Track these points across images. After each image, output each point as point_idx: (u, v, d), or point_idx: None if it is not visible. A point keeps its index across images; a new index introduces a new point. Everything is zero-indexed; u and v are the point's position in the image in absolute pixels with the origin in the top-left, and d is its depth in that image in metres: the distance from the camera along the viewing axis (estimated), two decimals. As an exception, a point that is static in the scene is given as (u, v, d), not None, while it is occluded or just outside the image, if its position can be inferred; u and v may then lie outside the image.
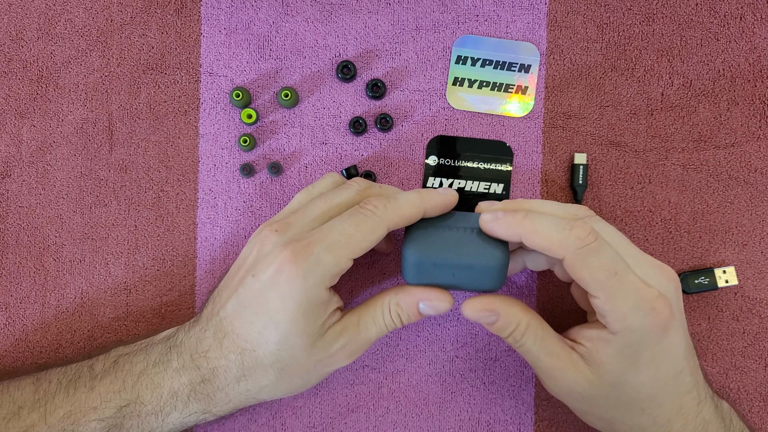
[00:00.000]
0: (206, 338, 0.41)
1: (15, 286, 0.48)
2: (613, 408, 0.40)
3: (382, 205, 0.40)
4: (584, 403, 0.41)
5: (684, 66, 0.49)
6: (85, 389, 0.42)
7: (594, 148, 0.49)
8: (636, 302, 0.37)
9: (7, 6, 0.48)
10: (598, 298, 0.38)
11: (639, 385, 0.39)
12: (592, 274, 0.38)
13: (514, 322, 0.40)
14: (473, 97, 0.48)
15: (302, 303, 0.39)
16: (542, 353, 0.40)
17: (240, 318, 0.40)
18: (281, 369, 0.40)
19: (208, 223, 0.48)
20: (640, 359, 0.38)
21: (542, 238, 0.38)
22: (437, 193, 0.42)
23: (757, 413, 0.48)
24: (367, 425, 0.48)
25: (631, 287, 0.38)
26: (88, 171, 0.48)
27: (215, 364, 0.41)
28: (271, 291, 0.39)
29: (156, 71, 0.48)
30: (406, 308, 0.41)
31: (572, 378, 0.40)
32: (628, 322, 0.37)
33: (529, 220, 0.39)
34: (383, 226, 0.40)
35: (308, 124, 0.48)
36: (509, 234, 0.39)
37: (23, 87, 0.48)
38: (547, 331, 0.41)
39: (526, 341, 0.40)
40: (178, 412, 0.41)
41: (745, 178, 0.49)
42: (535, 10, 0.49)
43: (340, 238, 0.39)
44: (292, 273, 0.39)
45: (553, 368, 0.40)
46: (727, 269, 0.48)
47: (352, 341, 0.41)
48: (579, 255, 0.38)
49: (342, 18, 0.49)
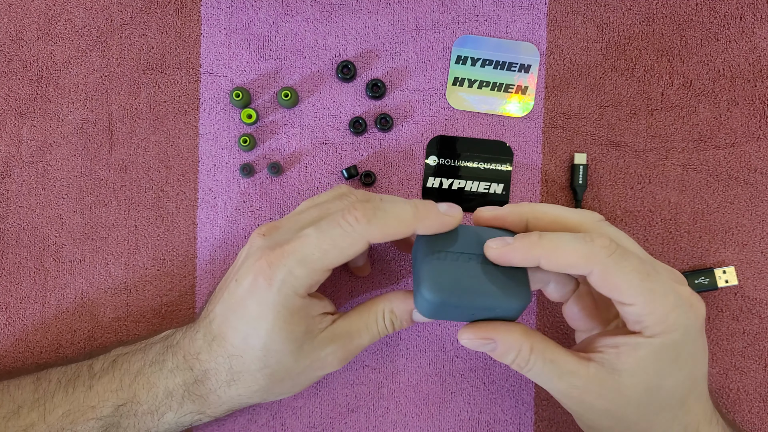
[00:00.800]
0: (197, 340, 0.41)
1: (15, 286, 0.48)
2: (643, 418, 0.37)
3: (366, 219, 0.37)
4: (607, 417, 0.38)
5: (684, 66, 0.49)
6: (84, 388, 0.42)
7: (594, 148, 0.49)
8: (675, 301, 0.36)
9: (7, 6, 0.48)
10: (634, 305, 0.35)
11: (674, 387, 0.37)
12: (627, 280, 0.35)
13: (516, 348, 0.37)
14: (473, 97, 0.48)
15: (279, 311, 0.38)
16: (555, 375, 0.37)
17: (226, 322, 0.40)
18: (269, 374, 0.40)
19: (208, 223, 0.48)
20: (679, 358, 0.36)
21: (566, 255, 0.36)
22: (436, 212, 0.38)
23: (756, 413, 0.48)
24: (367, 425, 0.48)
25: (667, 287, 0.36)
26: (88, 171, 0.48)
27: (206, 366, 0.41)
28: (250, 298, 0.39)
29: (156, 71, 0.48)
30: (399, 315, 0.41)
31: (595, 392, 0.37)
32: (670, 322, 0.35)
33: (547, 240, 0.36)
34: (362, 242, 0.37)
35: (308, 124, 0.48)
36: (527, 260, 0.36)
37: (23, 87, 0.48)
38: (555, 351, 0.37)
39: (533, 367, 0.37)
40: (173, 412, 0.41)
41: (745, 178, 0.49)
42: (535, 10, 0.49)
43: (314, 252, 0.37)
44: (266, 284, 0.38)
45: (570, 388, 0.37)
46: (727, 269, 0.48)
47: (344, 347, 0.41)
48: (610, 263, 0.35)
49: (342, 18, 0.49)
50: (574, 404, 0.38)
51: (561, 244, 0.36)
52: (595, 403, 0.37)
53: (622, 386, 0.36)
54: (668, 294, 0.36)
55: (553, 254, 0.36)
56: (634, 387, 0.36)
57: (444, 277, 0.37)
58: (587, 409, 0.38)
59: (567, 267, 0.36)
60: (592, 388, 0.37)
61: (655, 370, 0.36)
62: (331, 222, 0.38)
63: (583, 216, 0.39)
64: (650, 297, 0.35)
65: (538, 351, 0.37)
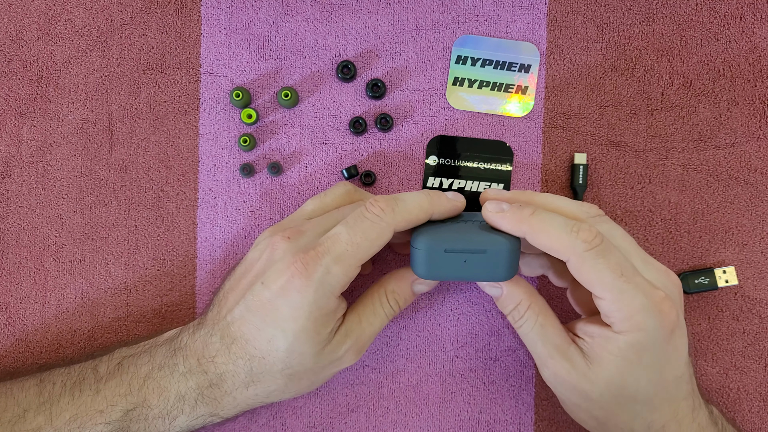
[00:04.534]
0: (213, 343, 0.41)
1: (15, 286, 0.48)
2: (606, 407, 0.40)
3: (390, 209, 0.40)
4: (575, 395, 0.40)
5: (684, 66, 0.49)
6: (91, 392, 0.42)
7: (594, 148, 0.49)
8: (643, 303, 0.37)
9: (7, 6, 0.48)
10: (604, 299, 0.38)
11: (637, 388, 0.39)
12: (599, 276, 0.37)
13: (516, 300, 0.41)
14: (473, 97, 0.48)
15: (312, 313, 0.39)
16: (539, 339, 0.40)
17: (248, 324, 0.40)
18: (290, 375, 0.40)
19: (208, 223, 0.48)
20: (642, 361, 0.38)
21: (548, 238, 0.38)
22: (446, 198, 0.41)
23: (757, 413, 0.48)
24: (367, 425, 0.48)
25: (638, 288, 0.37)
26: (88, 171, 0.48)
27: (223, 369, 0.41)
28: (281, 300, 0.39)
29: (156, 71, 0.48)
30: (401, 292, 0.43)
31: (567, 369, 0.39)
32: (635, 323, 0.37)
33: (537, 218, 0.38)
34: (389, 231, 0.40)
35: (308, 124, 0.48)
36: (514, 229, 0.39)
37: (23, 87, 0.48)
38: (548, 318, 0.41)
39: (524, 323, 0.41)
40: (185, 415, 0.41)
41: (745, 178, 0.49)
42: (535, 10, 0.49)
43: (347, 248, 0.39)
44: (303, 284, 0.38)
45: (548, 357, 0.40)
46: (727, 269, 0.48)
47: (358, 341, 0.42)
48: (586, 257, 0.37)
49: (342, 18, 0.49)
50: (551, 375, 0.41)
51: (547, 227, 0.38)
52: (567, 379, 0.40)
53: (590, 372, 0.39)
54: (637, 296, 0.37)
55: (537, 234, 0.38)
56: (599, 376, 0.39)
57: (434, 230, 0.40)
58: (560, 383, 0.40)
59: (548, 249, 0.38)
60: (565, 365, 0.40)
61: (618, 367, 0.38)
62: (357, 217, 0.40)
63: (581, 209, 0.40)
64: (619, 296, 0.37)
65: (534, 311, 0.41)
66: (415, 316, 0.48)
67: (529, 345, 0.41)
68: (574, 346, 0.40)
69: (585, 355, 0.39)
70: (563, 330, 0.41)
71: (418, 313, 0.48)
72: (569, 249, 0.37)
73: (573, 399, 0.41)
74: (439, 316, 0.48)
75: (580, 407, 0.41)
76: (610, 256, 0.37)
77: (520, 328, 0.41)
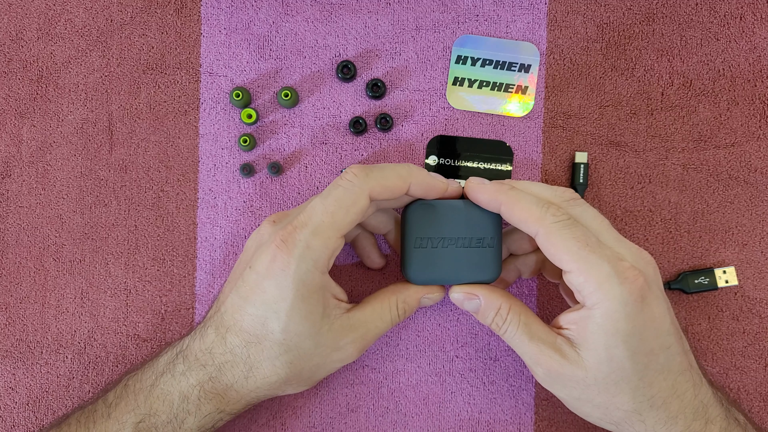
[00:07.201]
0: (208, 335, 0.41)
1: (15, 286, 0.48)
2: (604, 390, 0.39)
3: (363, 174, 0.40)
4: (574, 388, 0.40)
5: (684, 66, 0.49)
6: (103, 419, 0.41)
7: (594, 147, 0.49)
8: (608, 272, 0.38)
9: (7, 6, 0.48)
10: (571, 272, 0.39)
11: (623, 359, 0.38)
12: (565, 246, 0.38)
13: (496, 306, 0.41)
14: (473, 96, 0.48)
15: (299, 290, 0.39)
16: (527, 337, 0.41)
17: (241, 311, 0.40)
18: (289, 362, 0.40)
19: (208, 223, 0.48)
20: (620, 330, 0.38)
21: (520, 210, 0.40)
22: (426, 174, 0.42)
23: (757, 413, 0.48)
24: (367, 425, 0.48)
25: (603, 258, 0.38)
26: (88, 171, 0.48)
27: (221, 360, 0.40)
28: (267, 281, 0.39)
29: (156, 71, 0.48)
30: (410, 303, 0.44)
31: (558, 360, 0.40)
32: (604, 293, 0.38)
33: (513, 192, 0.40)
34: (364, 196, 0.40)
35: (308, 124, 0.48)
36: (491, 200, 0.41)
37: (23, 87, 0.48)
38: (531, 316, 0.41)
39: (509, 326, 0.41)
40: (192, 416, 0.41)
41: (745, 178, 0.49)
42: (535, 10, 0.49)
43: (323, 218, 0.39)
44: (285, 261, 0.39)
45: (538, 353, 0.40)
46: (727, 269, 0.48)
47: (362, 337, 0.42)
48: (553, 228, 0.39)
49: (342, 18, 0.49)
50: (543, 372, 0.41)
51: (520, 200, 0.40)
52: (561, 371, 0.40)
53: (581, 359, 0.39)
54: (603, 264, 0.38)
55: (511, 206, 0.40)
56: (589, 360, 0.39)
57: (424, 264, 0.43)
58: (556, 379, 0.40)
59: (519, 222, 0.40)
60: (556, 357, 0.40)
61: (601, 343, 0.38)
62: (331, 186, 0.40)
63: (554, 193, 0.41)
64: (585, 265, 0.38)
65: (516, 311, 0.41)
66: (415, 316, 0.48)
67: (518, 347, 0.41)
68: (560, 338, 0.40)
69: (572, 343, 0.40)
70: (547, 326, 0.41)
71: (418, 313, 0.48)
72: (538, 221, 0.39)
73: (573, 393, 0.41)
74: (439, 316, 0.48)
75: (581, 400, 0.41)
76: (576, 230, 0.39)
77: (505, 333, 0.41)
